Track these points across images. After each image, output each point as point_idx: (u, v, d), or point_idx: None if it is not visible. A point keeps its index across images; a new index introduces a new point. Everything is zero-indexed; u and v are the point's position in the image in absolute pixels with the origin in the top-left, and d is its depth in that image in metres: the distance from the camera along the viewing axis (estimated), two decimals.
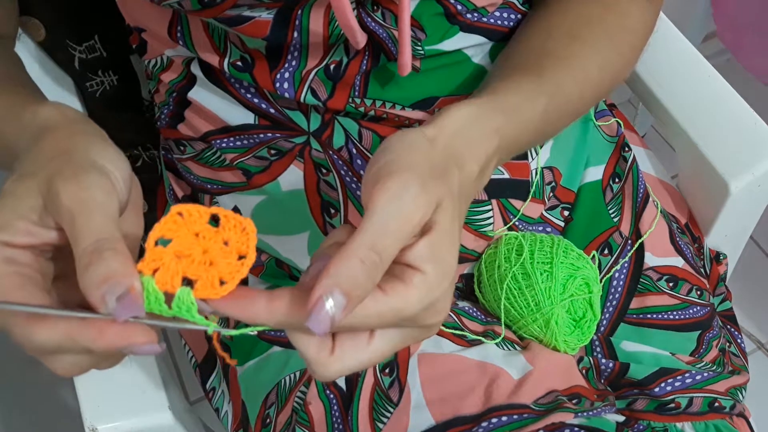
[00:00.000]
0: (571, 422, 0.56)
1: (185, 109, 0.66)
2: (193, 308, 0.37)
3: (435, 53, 0.59)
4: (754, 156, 0.71)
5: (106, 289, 0.36)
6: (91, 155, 0.41)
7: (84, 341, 0.37)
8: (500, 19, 0.61)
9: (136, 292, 0.37)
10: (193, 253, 0.38)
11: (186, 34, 0.60)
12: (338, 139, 0.62)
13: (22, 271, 0.39)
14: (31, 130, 0.44)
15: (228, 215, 0.39)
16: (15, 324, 0.38)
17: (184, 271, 0.38)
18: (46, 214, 0.39)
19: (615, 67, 0.58)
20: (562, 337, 0.62)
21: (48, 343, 0.37)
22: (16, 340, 0.39)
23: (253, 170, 0.65)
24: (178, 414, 0.63)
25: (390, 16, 0.56)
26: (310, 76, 0.59)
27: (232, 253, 0.39)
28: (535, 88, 0.51)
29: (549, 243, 0.63)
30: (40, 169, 0.40)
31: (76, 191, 0.38)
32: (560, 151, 0.68)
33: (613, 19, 0.57)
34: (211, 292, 0.38)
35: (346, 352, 0.39)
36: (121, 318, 0.36)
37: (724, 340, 0.70)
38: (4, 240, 0.39)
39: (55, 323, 0.37)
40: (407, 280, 0.38)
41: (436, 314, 0.40)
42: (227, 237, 0.39)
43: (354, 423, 0.58)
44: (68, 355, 0.39)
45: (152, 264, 0.37)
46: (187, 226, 0.39)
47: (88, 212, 0.38)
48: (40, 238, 0.39)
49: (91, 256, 0.37)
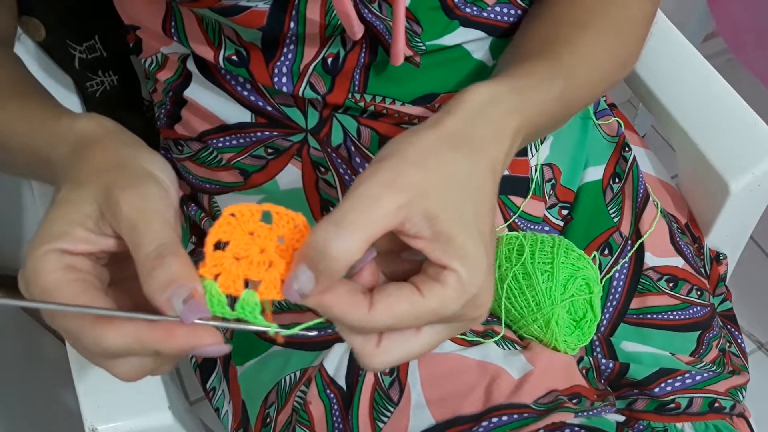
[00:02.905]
0: (572, 422, 0.56)
1: (182, 108, 0.66)
2: (256, 309, 0.39)
3: (435, 48, 0.59)
4: (754, 156, 0.71)
5: (171, 293, 0.37)
6: (144, 164, 0.43)
7: (153, 343, 0.38)
8: (500, 14, 0.61)
9: (200, 294, 0.38)
10: (250, 253, 0.39)
11: (180, 28, 0.60)
12: (336, 136, 0.62)
13: (83, 277, 0.40)
14: (69, 141, 0.46)
15: (279, 211, 0.40)
16: (82, 328, 0.39)
17: (244, 273, 0.39)
18: (102, 222, 0.40)
19: (621, 56, 0.58)
20: (562, 337, 0.62)
21: (116, 346, 0.38)
22: (84, 344, 0.39)
23: (250, 170, 0.65)
24: (178, 414, 0.63)
25: (387, 8, 0.56)
26: (308, 71, 0.59)
27: (289, 251, 0.39)
28: (551, 72, 0.51)
29: (550, 243, 0.63)
30: (93, 179, 0.41)
31: (135, 200, 0.40)
32: (560, 149, 0.68)
33: (617, 10, 0.58)
34: (275, 294, 0.39)
35: (392, 343, 0.40)
36: (188, 320, 0.38)
37: (724, 340, 0.70)
38: (64, 248, 0.40)
39: (124, 326, 0.38)
40: (442, 280, 0.39)
41: (477, 308, 0.40)
42: (281, 233, 0.40)
43: (354, 422, 0.58)
44: (133, 358, 0.40)
45: (213, 269, 0.39)
46: (241, 226, 0.39)
47: (148, 219, 0.39)
48: (97, 246, 0.41)
49: (155, 261, 0.38)
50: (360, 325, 0.39)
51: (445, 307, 0.39)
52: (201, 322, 0.38)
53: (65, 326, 0.40)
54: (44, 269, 0.39)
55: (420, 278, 0.39)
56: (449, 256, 0.39)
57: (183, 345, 0.38)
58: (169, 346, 0.38)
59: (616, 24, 0.57)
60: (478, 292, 0.39)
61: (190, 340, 0.38)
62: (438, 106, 0.61)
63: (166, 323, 0.38)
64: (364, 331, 0.39)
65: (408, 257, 0.42)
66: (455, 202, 0.40)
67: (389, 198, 0.38)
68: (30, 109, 0.50)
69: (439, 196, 0.39)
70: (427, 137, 0.41)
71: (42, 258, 0.39)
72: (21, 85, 0.56)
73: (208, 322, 0.38)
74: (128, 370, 0.41)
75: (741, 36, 1.18)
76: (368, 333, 0.40)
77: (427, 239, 0.39)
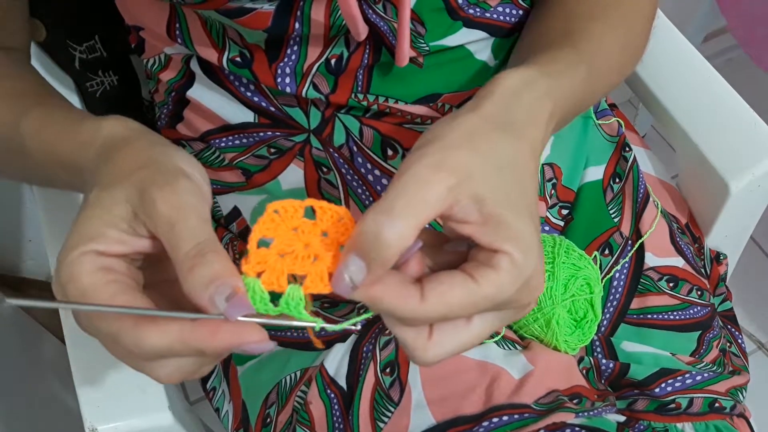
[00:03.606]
0: (572, 422, 0.56)
1: (184, 108, 0.66)
2: (301, 305, 0.38)
3: (438, 49, 0.59)
4: (754, 156, 0.71)
5: (213, 291, 0.37)
6: (175, 161, 0.42)
7: (197, 343, 0.37)
8: (503, 14, 0.61)
9: (242, 292, 0.37)
10: (295, 248, 0.38)
11: (184, 31, 0.60)
12: (339, 136, 0.62)
13: (120, 278, 0.39)
14: (96, 144, 0.45)
15: (323, 206, 0.39)
16: (123, 329, 0.38)
17: (289, 268, 0.38)
18: (136, 223, 0.40)
19: (632, 48, 0.58)
20: (563, 337, 0.62)
21: (158, 347, 0.38)
22: (125, 346, 0.39)
23: (252, 169, 0.65)
24: (178, 414, 0.63)
25: (391, 9, 0.56)
26: (312, 71, 0.59)
27: (334, 245, 0.39)
28: (574, 58, 0.51)
29: (551, 243, 0.63)
30: (125, 180, 0.41)
31: (171, 198, 0.39)
32: (560, 149, 0.68)
33: (627, 2, 0.58)
34: (322, 287, 0.38)
35: (444, 335, 0.39)
36: (233, 317, 0.37)
37: (725, 341, 0.70)
38: (99, 249, 0.39)
39: (167, 326, 0.38)
40: (495, 265, 0.38)
41: (531, 292, 0.40)
42: (325, 228, 0.39)
43: (355, 422, 0.58)
44: (174, 359, 0.40)
45: (257, 267, 0.38)
46: (284, 222, 0.39)
47: (186, 217, 0.38)
48: (132, 247, 0.40)
49: (194, 259, 0.37)
50: (412, 316, 0.37)
51: (501, 292, 0.38)
52: (245, 319, 0.37)
53: (104, 329, 0.39)
54: (81, 271, 0.39)
55: (471, 265, 0.38)
56: (501, 239, 0.38)
57: (228, 343, 0.37)
58: (213, 344, 0.37)
59: (627, 17, 0.57)
60: (532, 273, 0.38)
61: (235, 337, 0.37)
62: (441, 105, 0.61)
63: (209, 322, 0.37)
64: (417, 322, 0.38)
65: (451, 248, 0.41)
66: (502, 183, 0.39)
67: (438, 181, 0.38)
68: (54, 116, 0.50)
69: (486, 177, 0.39)
70: (469, 119, 0.41)
71: (77, 260, 0.39)
72: (43, 94, 0.56)
73: (252, 319, 0.38)
74: (170, 372, 0.40)
75: (752, 30, 1.17)
76: (420, 324, 0.39)
77: (475, 223, 0.38)
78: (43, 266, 1.27)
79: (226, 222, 0.68)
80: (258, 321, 0.38)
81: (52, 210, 0.69)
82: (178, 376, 0.40)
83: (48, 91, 0.57)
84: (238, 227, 0.68)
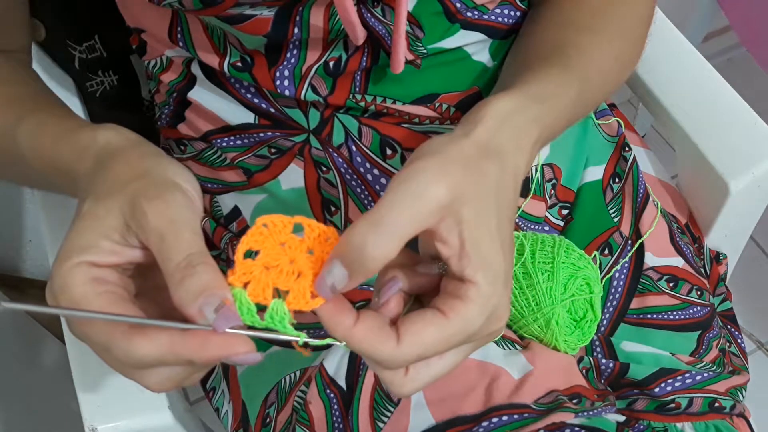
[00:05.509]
0: (572, 422, 0.56)
1: (185, 109, 0.66)
2: (285, 319, 0.39)
3: (436, 51, 0.60)
4: (754, 156, 0.71)
5: (202, 302, 0.37)
6: (168, 174, 0.42)
7: (187, 353, 0.38)
8: (501, 16, 0.61)
9: (230, 303, 0.38)
10: (280, 263, 0.39)
11: (186, 35, 0.60)
12: (338, 136, 0.62)
13: (112, 289, 0.40)
14: (92, 153, 0.45)
15: (311, 224, 0.40)
16: (114, 338, 0.39)
17: (274, 282, 0.39)
18: (128, 233, 0.40)
19: (627, 56, 0.59)
20: (562, 337, 0.61)
21: (149, 356, 0.38)
22: (115, 355, 0.39)
23: (253, 169, 0.65)
24: (178, 414, 0.63)
25: (390, 12, 0.56)
26: (310, 73, 0.59)
27: (318, 263, 0.39)
28: (565, 77, 0.51)
29: (550, 243, 0.63)
30: (118, 191, 0.41)
31: (162, 210, 0.39)
32: (560, 149, 0.68)
33: (624, 10, 0.58)
34: (303, 304, 0.39)
35: (419, 371, 0.41)
36: (221, 329, 0.38)
37: (724, 340, 0.70)
38: (91, 260, 0.40)
39: (157, 336, 0.38)
40: (462, 295, 0.39)
41: (497, 321, 0.41)
42: (311, 246, 0.40)
43: (354, 422, 0.58)
44: (165, 368, 0.40)
45: (243, 277, 0.39)
46: (272, 236, 0.40)
47: (177, 229, 0.39)
48: (124, 257, 0.41)
49: (184, 270, 0.38)
50: (390, 360, 0.39)
51: (470, 324, 0.39)
52: (233, 331, 0.38)
53: (95, 337, 0.39)
54: (73, 282, 0.39)
55: (441, 299, 0.40)
56: (472, 266, 0.39)
57: (217, 354, 0.38)
58: (203, 355, 0.38)
59: (621, 25, 0.58)
60: (497, 302, 0.40)
61: (224, 348, 0.38)
62: (439, 105, 0.61)
63: (199, 332, 0.38)
64: (394, 366, 0.40)
65: (424, 270, 0.42)
66: (484, 209, 0.40)
67: (432, 197, 0.38)
68: (51, 122, 0.50)
69: (472, 201, 0.40)
70: (463, 144, 0.42)
71: (70, 271, 0.39)
72: (41, 100, 0.56)
73: (239, 331, 0.38)
74: (159, 381, 0.41)
75: (754, 28, 1.17)
76: (397, 368, 0.40)
77: (452, 245, 0.39)
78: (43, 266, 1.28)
79: (226, 222, 0.68)
80: (244, 333, 0.39)
81: (52, 210, 0.69)
82: (168, 384, 0.41)
83: (46, 96, 0.57)
84: (238, 227, 0.68)
